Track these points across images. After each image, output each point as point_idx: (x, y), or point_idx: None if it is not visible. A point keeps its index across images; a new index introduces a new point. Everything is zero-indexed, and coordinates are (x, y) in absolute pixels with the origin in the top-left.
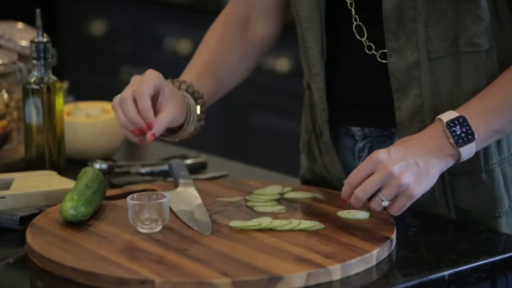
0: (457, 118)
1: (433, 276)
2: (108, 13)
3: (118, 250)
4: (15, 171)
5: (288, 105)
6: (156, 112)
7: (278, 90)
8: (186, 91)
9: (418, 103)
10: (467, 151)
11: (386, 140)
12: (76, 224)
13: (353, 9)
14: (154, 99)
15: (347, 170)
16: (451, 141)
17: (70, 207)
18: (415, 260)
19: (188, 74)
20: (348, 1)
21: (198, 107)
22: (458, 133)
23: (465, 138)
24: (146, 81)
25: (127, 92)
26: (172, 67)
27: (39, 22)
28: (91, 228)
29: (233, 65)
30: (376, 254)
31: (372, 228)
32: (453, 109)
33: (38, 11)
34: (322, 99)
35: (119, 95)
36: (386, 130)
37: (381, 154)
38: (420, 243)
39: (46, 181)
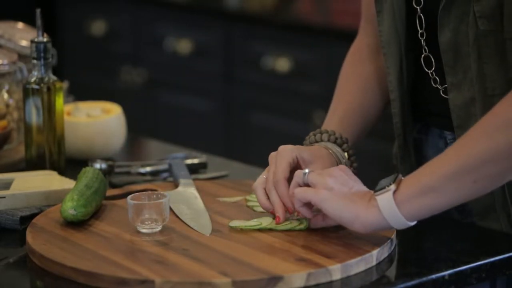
0: (395, 173)
1: (433, 276)
2: (108, 13)
3: (118, 250)
4: (15, 171)
5: (288, 105)
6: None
7: (278, 90)
8: (328, 140)
9: None
10: (384, 202)
11: None
12: (76, 224)
13: (422, 40)
14: (298, 168)
15: None
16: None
17: (70, 207)
18: (415, 260)
19: (332, 121)
20: (420, 31)
21: (346, 154)
22: (383, 184)
23: (384, 187)
24: (279, 164)
25: (270, 182)
26: (172, 67)
27: (39, 22)
28: (91, 228)
29: (374, 96)
30: (376, 254)
31: None
32: None
33: (38, 11)
34: (397, 125)
35: (262, 177)
36: None
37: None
38: (420, 243)
39: (46, 181)
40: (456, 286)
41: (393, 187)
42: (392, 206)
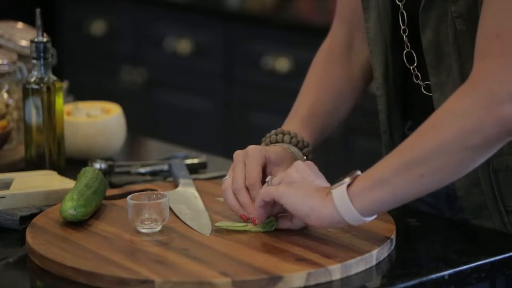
0: (353, 170)
1: (433, 276)
2: (108, 13)
3: (118, 250)
4: (15, 171)
5: (288, 105)
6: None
7: (278, 90)
8: (290, 142)
9: None
10: (338, 196)
11: None
12: (76, 224)
13: (405, 36)
14: (263, 169)
15: None
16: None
17: (70, 207)
18: (415, 260)
19: (294, 120)
20: (402, 27)
21: (305, 158)
22: (341, 178)
23: (340, 181)
24: (253, 166)
25: (239, 182)
26: (172, 67)
27: (39, 22)
28: (91, 228)
29: (341, 99)
30: (376, 254)
31: (372, 228)
32: None
33: (38, 11)
34: (383, 122)
35: (228, 179)
36: None
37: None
38: (420, 243)
39: (46, 181)
40: (456, 286)
41: (347, 180)
42: (345, 199)
